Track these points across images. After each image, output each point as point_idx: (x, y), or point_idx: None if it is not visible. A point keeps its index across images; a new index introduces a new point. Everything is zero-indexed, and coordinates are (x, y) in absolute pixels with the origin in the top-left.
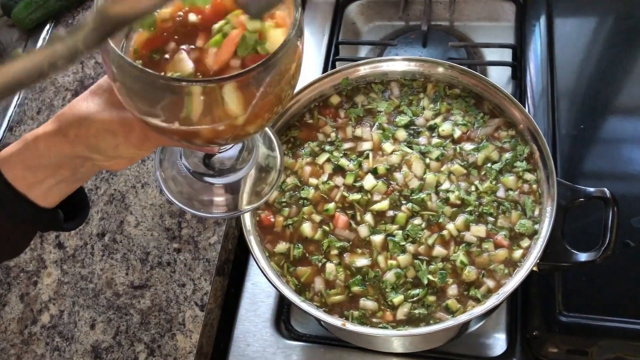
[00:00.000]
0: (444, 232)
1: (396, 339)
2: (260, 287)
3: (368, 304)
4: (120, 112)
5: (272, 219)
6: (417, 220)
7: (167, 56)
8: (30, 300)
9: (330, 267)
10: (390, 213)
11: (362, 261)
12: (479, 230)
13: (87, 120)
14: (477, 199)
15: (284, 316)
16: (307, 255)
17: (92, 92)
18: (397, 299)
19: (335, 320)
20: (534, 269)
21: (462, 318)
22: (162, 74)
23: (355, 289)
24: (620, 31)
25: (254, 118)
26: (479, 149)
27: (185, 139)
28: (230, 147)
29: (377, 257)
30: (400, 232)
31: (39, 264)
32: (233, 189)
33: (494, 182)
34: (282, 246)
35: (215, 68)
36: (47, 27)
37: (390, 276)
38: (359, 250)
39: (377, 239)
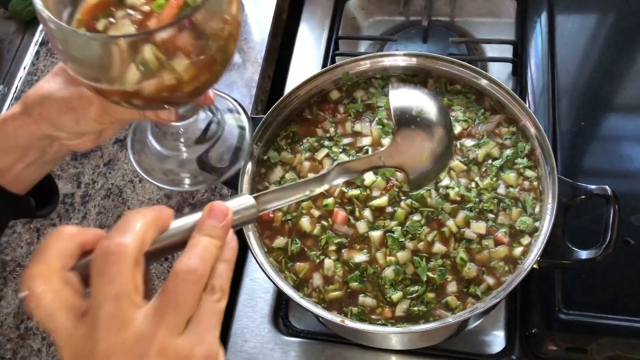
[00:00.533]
0: (444, 229)
1: (395, 336)
2: (259, 283)
3: (367, 300)
4: (78, 89)
5: (271, 214)
6: (416, 217)
7: (112, 20)
8: None
9: (328, 262)
10: (389, 209)
11: (360, 257)
12: (479, 227)
13: (48, 98)
14: (477, 196)
15: (282, 312)
16: (305, 250)
17: (53, 73)
18: (395, 295)
19: (334, 317)
20: (535, 266)
21: (462, 316)
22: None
23: (354, 285)
24: (621, 28)
25: (189, 77)
26: (479, 145)
27: (128, 100)
28: (190, 119)
29: (375, 254)
30: (399, 228)
31: None
32: (203, 164)
33: (494, 179)
34: (280, 241)
35: None
36: None
37: (389, 273)
38: (357, 246)
39: (376, 234)
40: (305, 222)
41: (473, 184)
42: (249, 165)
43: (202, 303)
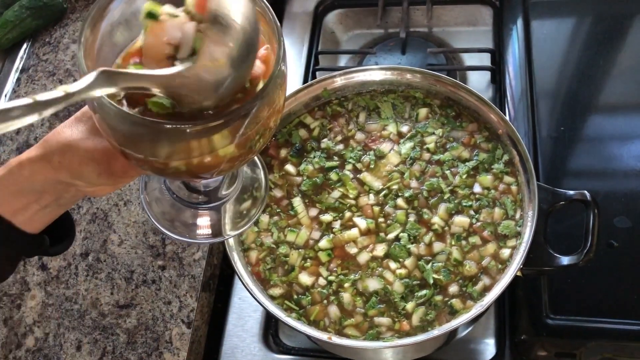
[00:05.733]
0: (435, 227)
1: (385, 350)
2: (248, 302)
3: (382, 320)
4: (103, 141)
5: (262, 275)
6: (411, 217)
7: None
8: (14, 324)
9: (347, 297)
10: (389, 210)
11: (374, 284)
12: (463, 221)
13: (71, 147)
14: (449, 186)
15: (272, 330)
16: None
17: (76, 118)
18: (409, 305)
19: (321, 334)
20: (518, 274)
21: (446, 328)
22: (141, 110)
23: (372, 312)
24: (596, 32)
25: (238, 154)
26: (447, 149)
27: (166, 173)
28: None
29: (383, 273)
30: (405, 234)
31: (23, 287)
32: (218, 213)
33: (464, 176)
34: (278, 291)
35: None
36: (24, 46)
37: (397, 287)
38: (369, 270)
39: (381, 247)
40: (304, 278)
41: (441, 180)
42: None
43: None
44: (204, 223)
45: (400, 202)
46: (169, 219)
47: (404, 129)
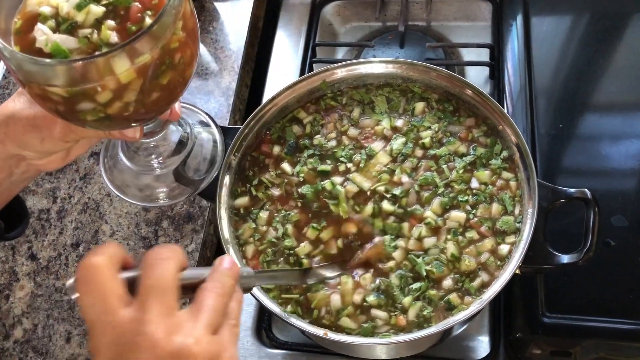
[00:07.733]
0: (429, 221)
1: (379, 346)
2: None
3: (379, 313)
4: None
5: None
6: (390, 220)
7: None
8: (2, 314)
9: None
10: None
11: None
12: (459, 216)
13: (13, 117)
14: (444, 180)
15: (265, 324)
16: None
17: (19, 92)
18: (406, 299)
19: (317, 330)
20: (517, 272)
21: (443, 325)
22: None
23: (371, 299)
24: (596, 29)
25: (148, 93)
26: (444, 144)
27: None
28: (159, 135)
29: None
30: (387, 237)
31: (11, 277)
32: (179, 176)
33: (461, 171)
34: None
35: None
36: None
37: (394, 278)
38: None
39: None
40: None
41: (436, 174)
42: (226, 178)
43: (224, 324)
44: (165, 187)
45: (385, 205)
46: (131, 189)
47: (399, 123)
